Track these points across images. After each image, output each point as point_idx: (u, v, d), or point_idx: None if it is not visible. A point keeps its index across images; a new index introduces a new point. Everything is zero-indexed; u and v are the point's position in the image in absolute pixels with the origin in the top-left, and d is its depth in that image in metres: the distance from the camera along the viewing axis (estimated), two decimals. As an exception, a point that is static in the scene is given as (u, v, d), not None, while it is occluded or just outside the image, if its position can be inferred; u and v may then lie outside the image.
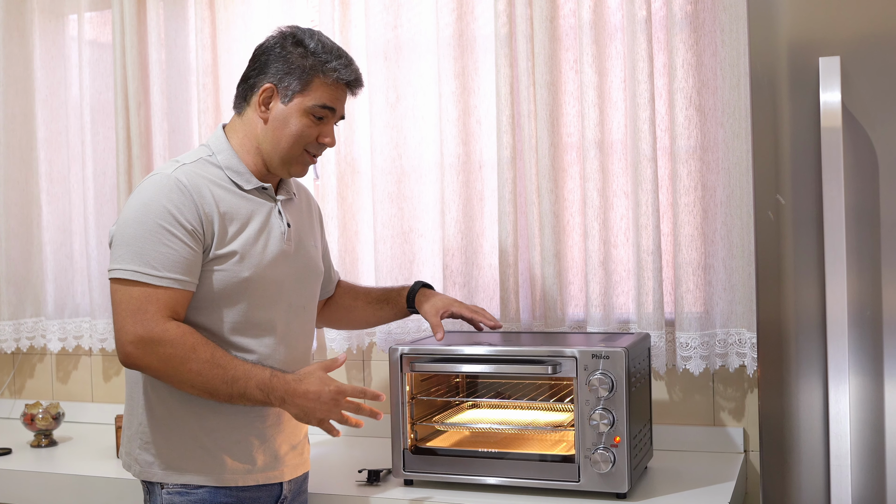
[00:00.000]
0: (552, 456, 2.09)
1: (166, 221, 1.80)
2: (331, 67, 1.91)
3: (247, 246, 1.88)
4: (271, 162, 1.94)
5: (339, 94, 1.95)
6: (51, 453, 2.70)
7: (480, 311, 2.20)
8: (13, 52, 3.10)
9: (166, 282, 1.80)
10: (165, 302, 1.80)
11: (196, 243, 1.83)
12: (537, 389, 2.39)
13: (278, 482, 1.96)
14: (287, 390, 1.82)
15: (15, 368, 3.28)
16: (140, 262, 1.80)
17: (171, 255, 1.80)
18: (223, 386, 1.79)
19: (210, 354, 1.79)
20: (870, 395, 1.77)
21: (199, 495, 1.87)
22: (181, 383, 1.80)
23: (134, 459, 1.91)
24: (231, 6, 2.89)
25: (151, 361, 1.79)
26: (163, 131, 2.92)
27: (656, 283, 2.40)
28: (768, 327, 1.83)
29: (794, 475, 1.82)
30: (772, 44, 1.80)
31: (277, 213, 1.96)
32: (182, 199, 1.82)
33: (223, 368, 1.79)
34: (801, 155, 1.79)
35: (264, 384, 1.81)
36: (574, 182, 2.54)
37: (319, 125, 1.94)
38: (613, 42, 2.49)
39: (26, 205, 3.12)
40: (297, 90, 1.90)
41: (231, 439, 1.89)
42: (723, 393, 2.50)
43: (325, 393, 1.82)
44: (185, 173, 1.86)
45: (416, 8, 2.69)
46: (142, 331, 1.78)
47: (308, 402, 1.82)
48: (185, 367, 1.78)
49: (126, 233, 1.82)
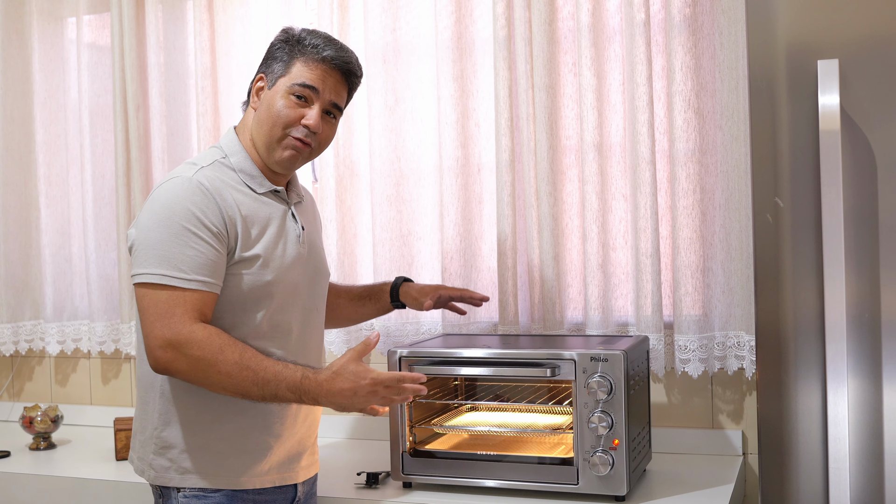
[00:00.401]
0: (551, 459, 2.09)
1: (191, 224, 1.79)
2: (309, 45, 1.90)
3: (268, 250, 1.88)
4: (261, 150, 1.93)
5: (323, 75, 1.91)
6: (49, 456, 2.70)
7: (466, 290, 2.28)
8: (12, 55, 3.10)
9: (194, 284, 1.78)
10: (193, 304, 1.77)
11: (221, 245, 1.82)
12: (536, 392, 2.39)
13: (293, 483, 1.97)
14: (320, 392, 1.77)
15: (13, 371, 3.27)
16: (167, 266, 1.77)
17: (198, 258, 1.78)
18: (254, 388, 1.77)
19: (238, 356, 1.76)
20: (868, 397, 1.77)
21: (216, 499, 1.87)
22: (213, 385, 1.78)
23: (148, 465, 1.89)
24: (229, 9, 2.89)
25: (181, 365, 1.76)
26: (161, 134, 2.92)
27: (655, 286, 2.40)
28: (767, 330, 1.83)
29: (792, 478, 1.82)
30: (770, 47, 1.80)
31: (291, 217, 1.96)
32: (206, 202, 1.81)
33: (253, 371, 1.76)
34: (800, 158, 1.79)
35: (295, 387, 1.77)
36: (573, 185, 2.54)
37: (303, 106, 1.91)
38: (612, 45, 2.49)
39: (25, 207, 3.12)
40: (280, 73, 1.91)
41: (249, 442, 1.88)
42: (721, 396, 2.50)
43: (361, 388, 1.77)
44: (206, 176, 1.85)
45: (414, 11, 2.69)
46: (169, 334, 1.75)
47: (344, 400, 1.78)
48: (214, 369, 1.75)
49: (151, 237, 1.80)
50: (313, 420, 2.03)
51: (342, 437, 2.80)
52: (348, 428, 2.80)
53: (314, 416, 2.03)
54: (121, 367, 3.12)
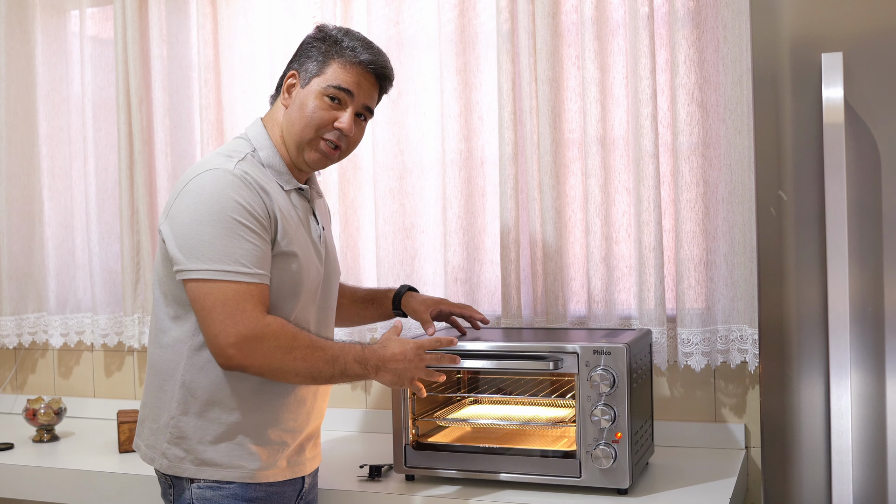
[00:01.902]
0: (553, 451, 2.09)
1: (242, 216, 1.77)
2: (346, 47, 1.90)
3: (301, 247, 1.88)
4: (290, 148, 1.92)
5: (358, 79, 1.91)
6: (53, 448, 2.70)
7: (468, 307, 2.28)
8: (15, 49, 3.10)
9: (257, 278, 1.77)
10: (259, 297, 1.77)
11: (269, 237, 1.82)
12: (539, 385, 2.39)
13: (302, 475, 1.97)
14: (378, 358, 1.85)
15: (17, 364, 3.28)
16: (229, 261, 1.75)
17: (255, 251, 1.78)
18: (326, 367, 1.80)
19: (308, 339, 1.80)
20: (871, 391, 1.77)
21: (230, 490, 1.86)
22: (287, 373, 1.80)
23: (161, 454, 1.89)
24: (233, 2, 2.89)
25: (256, 359, 1.76)
26: (164, 127, 2.92)
27: (658, 280, 2.40)
28: (770, 323, 1.83)
29: (795, 471, 1.82)
30: (774, 40, 1.80)
31: (313, 216, 1.97)
32: (250, 194, 1.80)
33: (322, 350, 1.81)
34: (804, 151, 1.78)
35: (360, 357, 1.84)
36: (576, 178, 2.54)
37: (336, 109, 1.91)
38: (615, 38, 2.48)
39: (28, 200, 3.12)
40: (315, 72, 1.90)
41: (266, 436, 1.89)
42: (724, 389, 2.50)
43: (409, 350, 1.87)
44: (246, 169, 1.83)
45: (417, 4, 2.69)
46: (244, 330, 1.74)
47: (398, 364, 1.86)
48: (291, 355, 1.77)
49: (204, 231, 1.76)
50: (319, 412, 2.03)
51: (345, 429, 2.80)
52: (351, 421, 2.80)
53: (321, 408, 2.03)
54: (124, 360, 3.13)
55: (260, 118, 1.99)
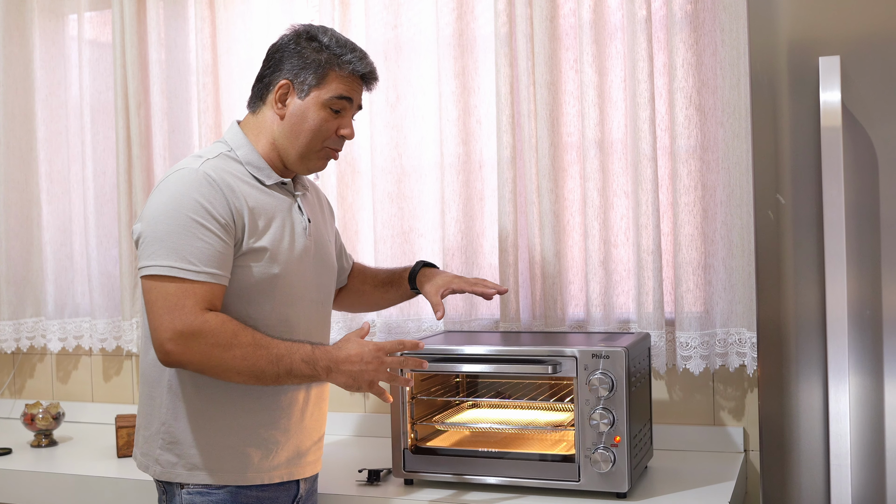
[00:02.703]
0: (552, 455, 2.09)
1: (199, 215, 1.78)
2: (346, 60, 1.92)
3: (275, 242, 1.88)
4: (288, 158, 1.94)
5: (355, 86, 1.95)
6: (51, 453, 2.70)
7: (481, 282, 2.17)
8: (13, 52, 3.10)
9: (203, 276, 1.77)
10: (203, 296, 1.77)
11: (229, 237, 1.81)
12: (537, 389, 2.39)
13: (297, 479, 1.97)
14: (331, 358, 1.81)
15: (15, 368, 3.28)
16: (176, 258, 1.76)
17: (207, 250, 1.78)
18: (269, 366, 1.78)
19: (251, 338, 1.78)
20: (870, 394, 1.77)
21: (220, 495, 1.87)
22: (227, 371, 1.78)
23: (154, 460, 1.89)
24: (231, 6, 2.89)
25: (193, 356, 1.76)
26: (163, 131, 2.92)
27: (656, 283, 2.40)
28: (768, 327, 1.83)
29: (794, 475, 1.82)
30: (772, 43, 1.80)
31: (297, 209, 1.96)
32: (213, 193, 1.81)
33: (266, 349, 1.78)
34: (801, 154, 1.79)
35: (308, 357, 1.80)
36: (574, 182, 2.54)
37: (338, 118, 1.94)
38: (613, 41, 2.49)
39: (26, 205, 3.12)
40: (314, 84, 1.91)
41: (258, 437, 1.89)
42: (723, 392, 2.50)
43: (367, 353, 1.82)
44: (212, 167, 1.85)
45: (415, 7, 2.69)
46: (181, 325, 1.75)
47: (353, 366, 1.81)
48: (230, 353, 1.76)
49: (158, 228, 1.79)
50: (319, 416, 2.03)
51: (344, 434, 2.80)
52: (350, 425, 2.80)
53: (321, 411, 2.03)
54: (122, 365, 3.13)
55: (237, 122, 1.99)
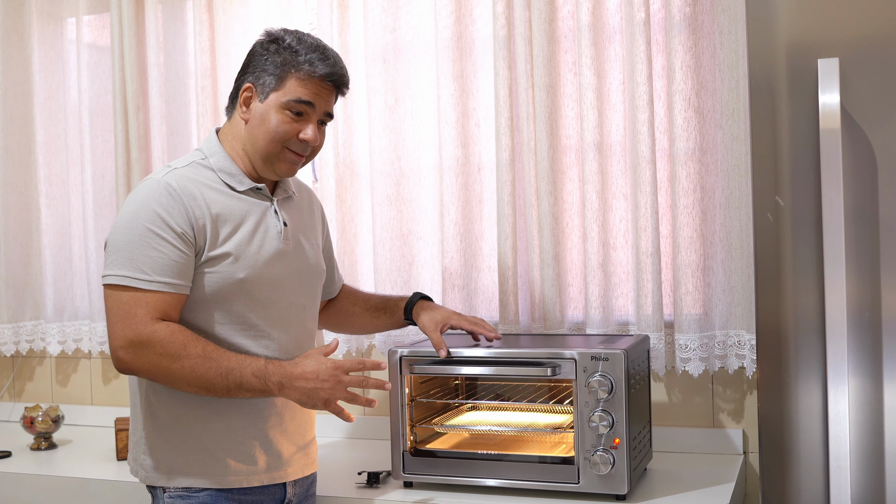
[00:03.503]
0: (552, 458, 2.09)
1: (156, 226, 1.80)
2: (303, 60, 1.88)
3: (241, 247, 1.88)
4: (255, 161, 1.93)
5: (318, 90, 1.90)
6: (50, 456, 2.70)
7: (480, 323, 2.19)
8: (11, 56, 3.10)
9: (156, 286, 1.79)
10: (155, 305, 1.79)
11: (187, 247, 1.82)
12: (537, 391, 2.39)
13: (281, 483, 1.96)
14: (284, 374, 1.80)
15: (14, 371, 3.27)
16: (130, 268, 1.79)
17: (162, 259, 1.80)
18: (218, 379, 1.78)
19: (201, 349, 1.78)
20: (869, 396, 1.77)
21: (200, 498, 1.87)
22: (177, 381, 1.80)
23: (140, 465, 1.92)
24: (229, 9, 2.89)
25: (143, 364, 1.78)
26: (161, 134, 2.92)
27: (655, 285, 2.40)
28: (767, 329, 1.83)
29: (793, 477, 1.82)
30: (770, 46, 1.80)
31: (273, 213, 1.95)
32: (171, 203, 1.82)
33: (216, 361, 1.78)
34: (800, 157, 1.79)
35: (259, 371, 1.80)
36: (573, 184, 2.54)
37: (298, 122, 1.90)
38: (612, 44, 2.49)
39: (25, 208, 3.12)
40: (273, 87, 1.89)
41: (234, 441, 1.89)
42: (722, 395, 2.50)
43: (323, 371, 1.80)
44: (176, 177, 1.86)
45: (414, 10, 2.69)
46: (131, 334, 1.78)
47: (308, 383, 1.80)
48: (178, 364, 1.77)
49: (117, 239, 1.83)
50: (304, 419, 2.02)
51: (343, 436, 2.80)
52: (349, 428, 2.80)
53: (305, 414, 2.02)
54: (121, 368, 3.12)
55: (215, 129, 2.00)
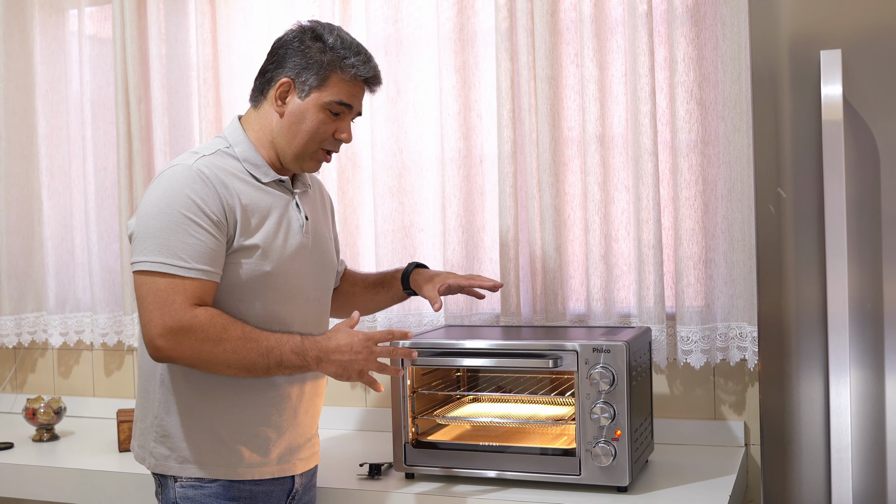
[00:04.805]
0: (553, 449, 2.09)
1: (191, 212, 1.79)
2: (349, 63, 1.90)
3: (268, 240, 1.88)
4: (284, 156, 1.93)
5: (357, 91, 1.94)
6: (52, 448, 2.70)
7: (476, 277, 2.20)
8: (13, 48, 3.10)
9: (194, 273, 1.78)
10: (193, 292, 1.78)
11: (221, 234, 1.82)
12: (538, 383, 2.39)
13: (291, 475, 1.97)
14: (320, 349, 1.82)
15: (16, 363, 3.28)
16: (167, 254, 1.77)
17: (198, 246, 1.78)
18: (260, 358, 1.79)
19: (241, 331, 1.79)
20: (871, 388, 1.77)
21: (212, 489, 1.87)
22: (218, 365, 1.79)
23: (149, 453, 1.91)
24: (231, 1, 2.89)
25: (184, 350, 1.77)
26: (163, 126, 2.92)
27: (657, 277, 2.40)
28: (769, 321, 1.83)
29: (794, 469, 1.82)
30: (773, 37, 1.80)
31: (295, 206, 1.96)
32: (206, 190, 1.81)
33: (256, 341, 1.79)
34: (803, 148, 1.78)
35: (298, 347, 1.81)
36: (575, 176, 2.54)
37: (336, 121, 1.93)
38: (614, 36, 2.48)
39: (27, 200, 3.13)
40: (315, 85, 1.89)
41: (249, 432, 1.89)
42: (724, 387, 2.50)
43: (356, 342, 1.83)
44: (206, 164, 1.85)
45: (416, 2, 2.68)
46: (171, 321, 1.76)
47: (343, 355, 1.83)
48: (220, 347, 1.77)
49: (150, 224, 1.80)
50: (314, 411, 2.03)
51: (345, 428, 2.80)
52: (351, 419, 2.80)
53: (315, 407, 2.03)
54: (123, 359, 3.13)
55: (238, 117, 1.99)
